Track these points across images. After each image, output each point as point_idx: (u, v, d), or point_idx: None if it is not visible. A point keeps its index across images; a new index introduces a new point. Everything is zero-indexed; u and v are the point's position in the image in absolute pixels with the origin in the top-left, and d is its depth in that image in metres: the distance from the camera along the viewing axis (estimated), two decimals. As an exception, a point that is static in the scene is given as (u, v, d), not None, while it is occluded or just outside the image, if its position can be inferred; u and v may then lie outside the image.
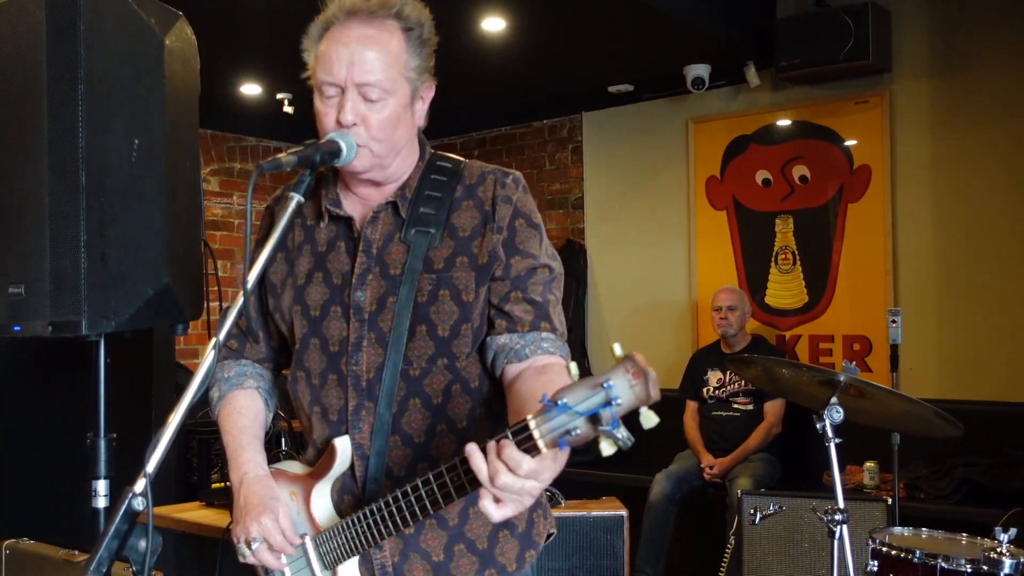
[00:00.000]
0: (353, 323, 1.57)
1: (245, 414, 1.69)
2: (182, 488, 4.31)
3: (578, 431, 1.14)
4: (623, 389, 1.11)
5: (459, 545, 1.59)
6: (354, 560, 1.55)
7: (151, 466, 1.27)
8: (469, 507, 1.59)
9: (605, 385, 1.11)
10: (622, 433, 1.12)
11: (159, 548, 1.28)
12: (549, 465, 1.20)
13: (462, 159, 1.68)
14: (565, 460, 1.24)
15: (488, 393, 1.62)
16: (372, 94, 1.51)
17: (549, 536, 1.71)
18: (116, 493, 1.74)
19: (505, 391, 1.55)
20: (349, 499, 1.59)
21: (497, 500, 1.22)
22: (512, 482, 1.19)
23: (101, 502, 2.14)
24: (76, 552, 2.16)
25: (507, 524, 1.62)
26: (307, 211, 1.69)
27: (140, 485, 1.25)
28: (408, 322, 1.55)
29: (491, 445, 1.21)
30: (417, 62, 1.56)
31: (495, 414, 1.63)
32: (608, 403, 1.11)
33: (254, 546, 1.52)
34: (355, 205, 1.65)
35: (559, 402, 1.14)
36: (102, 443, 2.16)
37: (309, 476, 1.62)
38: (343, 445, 1.57)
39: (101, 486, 2.15)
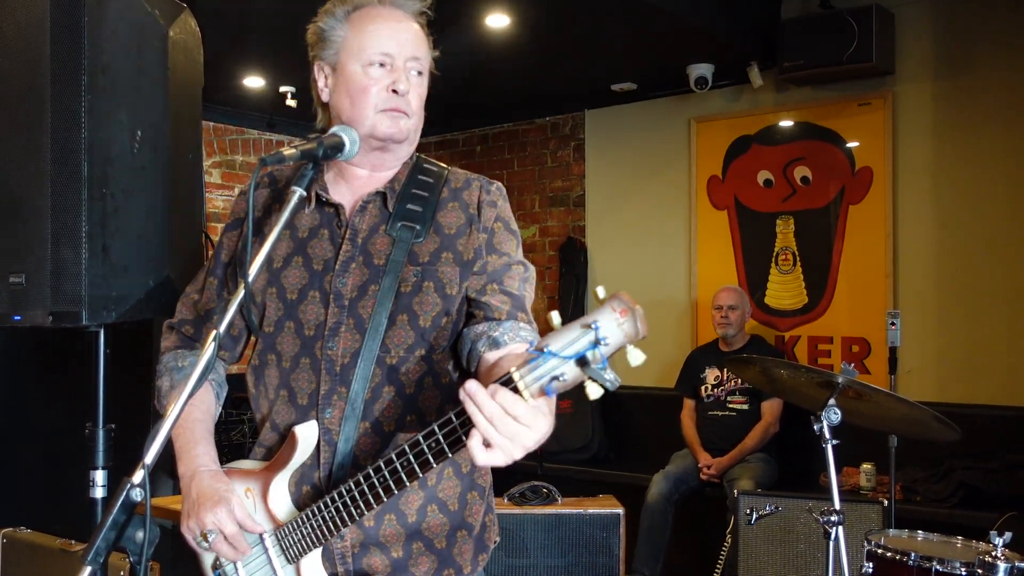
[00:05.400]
0: (332, 308, 1.57)
1: (198, 407, 1.65)
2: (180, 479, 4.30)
3: (565, 376, 1.13)
4: (611, 328, 1.10)
5: (417, 543, 1.58)
6: (316, 552, 1.53)
7: (149, 457, 1.27)
8: (427, 504, 1.59)
9: (593, 326, 1.10)
10: (610, 375, 1.10)
11: (156, 539, 1.28)
12: (540, 416, 1.19)
13: (446, 166, 1.73)
14: (553, 413, 1.23)
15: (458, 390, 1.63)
16: (417, 69, 1.62)
17: (495, 543, 1.72)
18: (114, 483, 1.74)
19: (481, 379, 1.55)
20: (308, 490, 1.57)
21: (487, 445, 1.20)
22: (507, 423, 1.17)
23: (99, 492, 2.15)
24: (73, 542, 2.16)
25: (464, 525, 1.63)
26: (285, 196, 1.69)
27: (138, 476, 1.25)
28: (389, 310, 1.55)
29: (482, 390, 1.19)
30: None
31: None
32: (596, 343, 1.10)
33: (211, 538, 1.50)
34: (343, 193, 1.66)
35: (544, 350, 1.13)
36: (100, 433, 2.16)
37: (266, 470, 1.58)
38: (305, 433, 1.54)
39: (99, 476, 2.16)
